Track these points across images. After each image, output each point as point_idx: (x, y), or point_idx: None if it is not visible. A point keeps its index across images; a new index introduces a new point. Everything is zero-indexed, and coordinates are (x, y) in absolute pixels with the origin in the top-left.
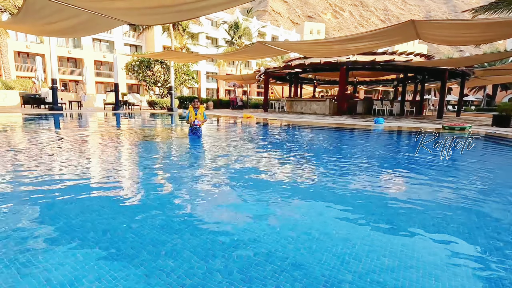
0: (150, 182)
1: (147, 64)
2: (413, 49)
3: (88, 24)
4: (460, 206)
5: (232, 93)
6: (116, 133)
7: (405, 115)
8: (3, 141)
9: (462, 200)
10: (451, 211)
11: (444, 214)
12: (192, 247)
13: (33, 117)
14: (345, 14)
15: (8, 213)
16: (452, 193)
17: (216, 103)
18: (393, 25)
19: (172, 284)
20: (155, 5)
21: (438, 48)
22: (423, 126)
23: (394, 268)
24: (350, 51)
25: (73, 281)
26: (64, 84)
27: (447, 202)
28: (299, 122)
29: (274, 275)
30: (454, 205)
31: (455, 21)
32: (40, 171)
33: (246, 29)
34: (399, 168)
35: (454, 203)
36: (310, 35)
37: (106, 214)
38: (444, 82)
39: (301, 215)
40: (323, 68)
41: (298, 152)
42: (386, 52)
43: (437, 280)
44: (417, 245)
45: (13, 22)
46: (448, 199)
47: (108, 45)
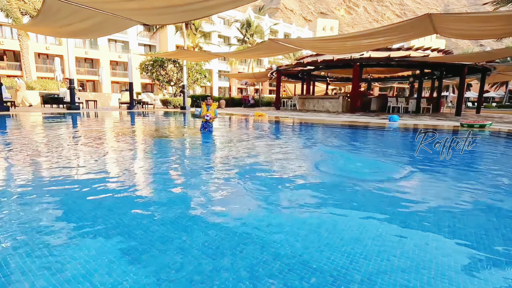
0: (162, 179)
1: (160, 64)
2: (430, 44)
3: (102, 25)
4: (478, 207)
5: (244, 92)
6: (133, 130)
7: (421, 112)
8: (29, 137)
9: (480, 200)
10: (468, 211)
11: (460, 214)
12: (200, 243)
13: (54, 116)
14: (359, 9)
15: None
16: (470, 193)
17: (228, 102)
18: (408, 20)
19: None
20: (166, 4)
21: (457, 43)
22: (440, 123)
23: (405, 269)
24: (364, 47)
25: (85, 275)
26: (81, 84)
27: (464, 203)
28: (312, 120)
29: (281, 273)
30: (472, 205)
31: (475, 13)
32: (60, 165)
33: (258, 27)
34: (412, 166)
35: (472, 203)
36: (323, 32)
37: (118, 209)
38: (463, 78)
39: (311, 213)
40: (336, 65)
41: (310, 149)
42: (402, 48)
43: (450, 282)
44: (430, 245)
45: (33, 25)
46: (466, 199)
47: (123, 45)
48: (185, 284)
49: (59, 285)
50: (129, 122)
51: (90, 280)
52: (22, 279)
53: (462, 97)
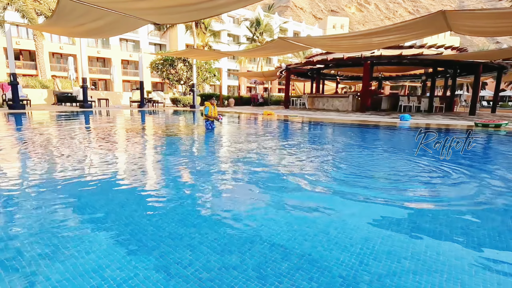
0: (171, 177)
1: (170, 63)
2: (443, 41)
3: (114, 24)
4: (493, 208)
5: (253, 90)
6: (145, 129)
7: (434, 111)
8: (44, 135)
9: (496, 202)
10: (482, 213)
11: (475, 216)
12: (209, 240)
13: (68, 114)
14: (371, 7)
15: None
16: (485, 194)
17: (237, 100)
18: (421, 17)
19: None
20: (177, 3)
21: (472, 40)
22: (454, 123)
23: (417, 271)
24: (375, 45)
25: (97, 269)
26: (93, 83)
27: (478, 204)
28: (321, 119)
29: (290, 272)
30: (487, 207)
31: (491, 10)
32: (73, 162)
33: (268, 25)
34: (423, 167)
35: (486, 205)
36: (333, 30)
37: (129, 206)
38: (478, 76)
39: (320, 212)
40: (346, 63)
41: (319, 149)
42: (414, 46)
43: (463, 285)
44: (442, 248)
45: (48, 25)
46: (480, 201)
47: (134, 44)
48: (193, 280)
49: (73, 278)
50: (141, 120)
51: (102, 275)
52: (37, 272)
53: (477, 95)
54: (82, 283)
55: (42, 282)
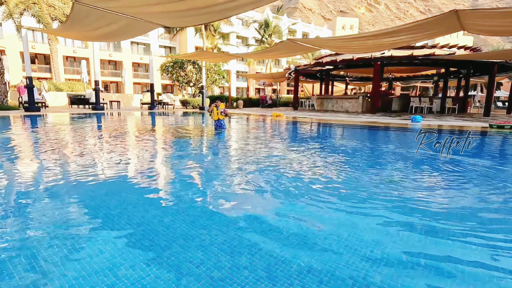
0: (182, 179)
1: (180, 65)
2: (456, 41)
3: (126, 28)
4: (506, 211)
5: (262, 92)
6: (155, 130)
7: (446, 112)
8: (59, 136)
9: (508, 204)
10: (496, 218)
11: (490, 221)
12: (219, 243)
13: (81, 116)
14: (381, 7)
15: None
16: (500, 200)
17: (246, 102)
18: (433, 16)
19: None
20: (188, 7)
21: (486, 39)
22: (467, 124)
23: (430, 276)
24: (386, 46)
25: (111, 268)
26: (105, 85)
27: (493, 210)
28: (330, 120)
29: (299, 275)
30: (503, 211)
31: (506, 9)
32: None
33: (277, 27)
34: (432, 170)
35: (502, 209)
36: (342, 31)
37: (141, 207)
38: (493, 76)
39: (330, 214)
40: (355, 64)
41: (330, 151)
42: (426, 46)
43: None
44: (455, 252)
45: (62, 30)
46: (496, 207)
47: (145, 47)
48: (205, 279)
49: (88, 276)
50: (152, 122)
51: (116, 274)
52: (54, 270)
53: (491, 96)
54: (97, 281)
55: (59, 279)
